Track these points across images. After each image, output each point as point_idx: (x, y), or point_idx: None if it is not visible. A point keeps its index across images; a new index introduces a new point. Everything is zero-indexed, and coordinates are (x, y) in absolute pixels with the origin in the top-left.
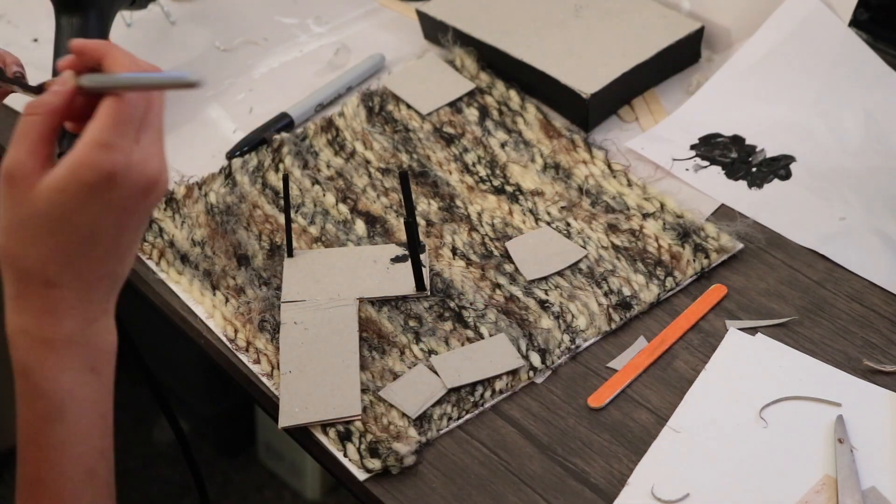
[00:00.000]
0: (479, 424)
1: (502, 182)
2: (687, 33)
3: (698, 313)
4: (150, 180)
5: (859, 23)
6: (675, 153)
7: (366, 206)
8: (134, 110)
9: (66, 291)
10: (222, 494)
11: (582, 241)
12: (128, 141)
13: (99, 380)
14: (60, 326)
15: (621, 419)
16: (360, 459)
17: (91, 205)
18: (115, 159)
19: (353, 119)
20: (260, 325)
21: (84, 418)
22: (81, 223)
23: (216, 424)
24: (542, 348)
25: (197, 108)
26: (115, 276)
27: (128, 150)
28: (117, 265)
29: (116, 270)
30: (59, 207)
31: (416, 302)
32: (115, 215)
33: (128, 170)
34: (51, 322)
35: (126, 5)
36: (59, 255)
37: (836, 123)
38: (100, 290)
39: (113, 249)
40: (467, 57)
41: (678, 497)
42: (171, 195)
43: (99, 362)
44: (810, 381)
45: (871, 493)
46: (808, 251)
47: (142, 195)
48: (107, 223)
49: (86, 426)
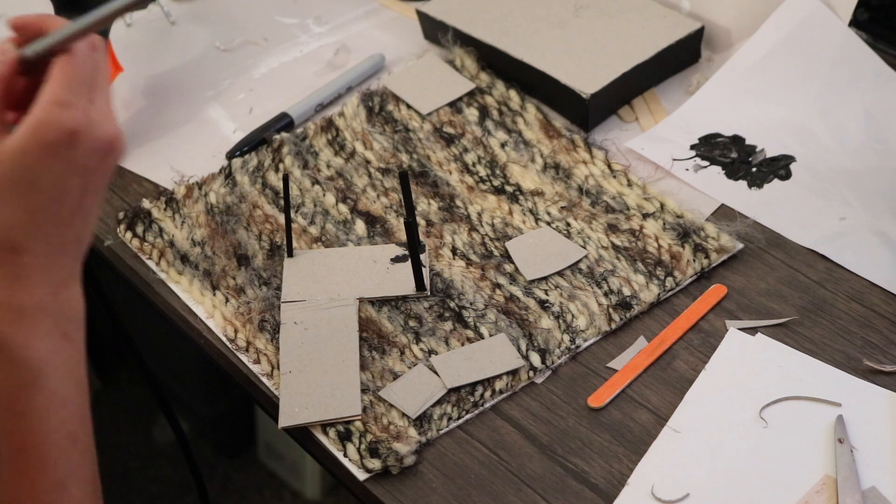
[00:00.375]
0: (479, 424)
1: (502, 182)
2: (687, 33)
3: (698, 313)
4: (109, 139)
5: (859, 23)
6: (675, 153)
7: (366, 206)
8: (85, 70)
9: (34, 258)
10: (222, 494)
11: (582, 241)
12: (84, 100)
13: (73, 346)
14: (31, 294)
15: (621, 419)
16: (360, 459)
17: (55, 164)
18: (75, 116)
19: (353, 119)
20: (260, 325)
21: (62, 385)
22: (46, 184)
23: (216, 424)
24: (542, 348)
25: (197, 108)
26: (80, 240)
27: (85, 108)
28: (82, 229)
29: (81, 235)
30: (22, 169)
31: (416, 302)
32: (79, 175)
33: (88, 127)
34: (21, 290)
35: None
36: (25, 219)
37: (836, 123)
38: (67, 256)
39: (78, 211)
40: (467, 57)
41: (678, 497)
42: (171, 195)
43: (71, 328)
44: (810, 381)
45: (871, 493)
46: (808, 251)
47: (102, 154)
48: (71, 184)
49: (64, 392)
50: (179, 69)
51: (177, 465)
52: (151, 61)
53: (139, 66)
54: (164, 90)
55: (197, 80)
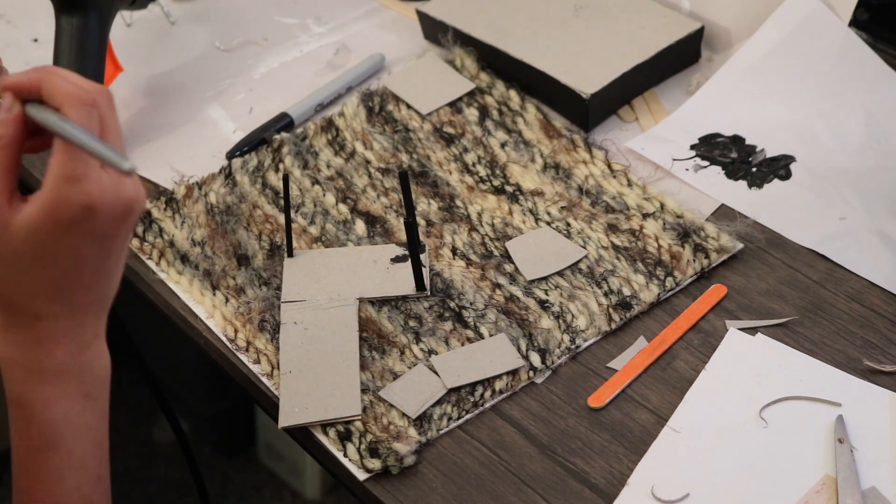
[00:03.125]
0: (479, 424)
1: (502, 182)
2: (687, 33)
3: (698, 313)
4: (127, 203)
5: (859, 23)
6: (675, 153)
7: (366, 206)
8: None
9: (55, 322)
10: (222, 494)
11: (582, 241)
12: (94, 168)
13: (94, 406)
14: (52, 357)
15: (621, 419)
16: (360, 459)
17: (71, 238)
18: (88, 190)
19: (353, 119)
20: (260, 325)
21: (80, 446)
22: (64, 256)
23: (216, 424)
24: (542, 348)
25: (197, 108)
26: (103, 298)
27: (97, 178)
28: (105, 288)
29: (104, 293)
30: (38, 246)
31: (416, 302)
32: (98, 243)
33: (103, 197)
34: (42, 353)
35: (126, 5)
36: (45, 289)
37: (836, 123)
38: (90, 316)
39: (99, 274)
40: (467, 57)
41: (678, 497)
42: (171, 195)
43: (93, 388)
44: (810, 381)
45: (871, 493)
46: (808, 251)
47: (121, 219)
48: (90, 252)
49: (81, 454)
50: (179, 69)
51: (177, 465)
52: (151, 61)
53: (139, 66)
54: (164, 90)
55: (197, 80)
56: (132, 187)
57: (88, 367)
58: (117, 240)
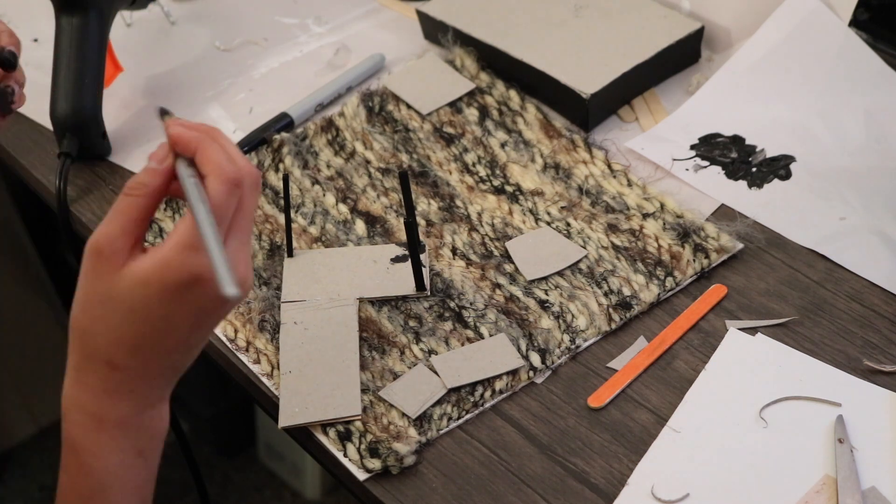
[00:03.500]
0: (479, 424)
1: (502, 182)
2: (687, 33)
3: (698, 313)
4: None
5: (859, 23)
6: (675, 153)
7: (366, 206)
8: (223, 213)
9: (128, 376)
10: (222, 494)
11: (582, 241)
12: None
13: (145, 464)
14: (116, 408)
15: (621, 419)
16: (360, 459)
17: (171, 302)
18: (202, 262)
19: (353, 119)
20: (260, 325)
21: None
22: (158, 318)
23: (216, 424)
24: (542, 348)
25: (197, 108)
26: (178, 368)
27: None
28: (183, 358)
29: (181, 363)
30: (139, 300)
31: (416, 302)
32: (193, 315)
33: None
34: (108, 402)
35: (126, 5)
36: (128, 343)
37: (836, 123)
38: (161, 379)
39: (182, 344)
40: (467, 57)
41: (678, 497)
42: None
43: (148, 447)
44: (810, 381)
45: (871, 493)
46: (808, 251)
47: (222, 300)
48: (182, 321)
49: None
50: (179, 69)
51: (177, 465)
52: (151, 61)
53: (139, 66)
54: (164, 90)
55: (197, 80)
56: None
57: (148, 425)
58: (211, 318)
